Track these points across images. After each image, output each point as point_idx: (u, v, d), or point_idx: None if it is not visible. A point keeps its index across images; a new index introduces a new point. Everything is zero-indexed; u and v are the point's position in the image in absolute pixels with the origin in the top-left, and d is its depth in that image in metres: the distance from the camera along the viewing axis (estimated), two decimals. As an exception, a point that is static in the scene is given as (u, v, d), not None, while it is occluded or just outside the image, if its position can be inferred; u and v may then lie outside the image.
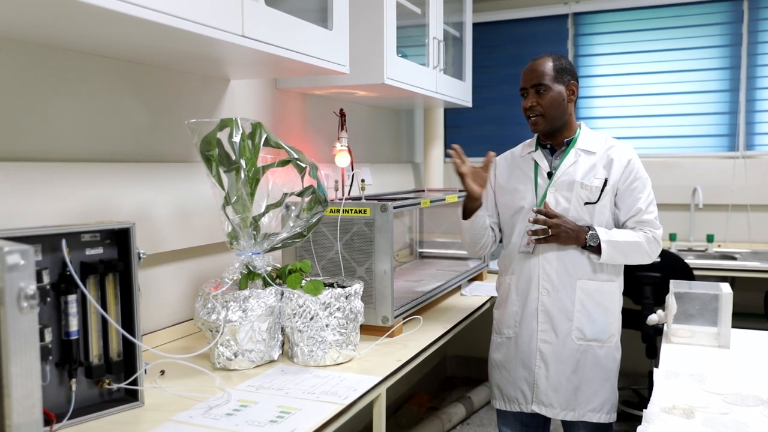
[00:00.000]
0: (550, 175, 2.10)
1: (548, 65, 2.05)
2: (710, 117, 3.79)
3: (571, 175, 2.07)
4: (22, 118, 1.55)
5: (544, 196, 2.09)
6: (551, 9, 4.01)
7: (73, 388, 1.32)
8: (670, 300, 1.92)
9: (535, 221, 2.02)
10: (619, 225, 2.09)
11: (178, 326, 2.00)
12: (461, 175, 2.07)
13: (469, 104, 3.57)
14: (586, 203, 2.05)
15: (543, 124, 2.06)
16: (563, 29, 4.01)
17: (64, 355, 1.31)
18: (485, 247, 2.22)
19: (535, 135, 2.19)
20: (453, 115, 4.23)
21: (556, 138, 2.12)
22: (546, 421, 2.27)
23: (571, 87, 2.07)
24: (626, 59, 3.92)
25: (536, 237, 2.03)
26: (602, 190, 2.04)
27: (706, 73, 3.77)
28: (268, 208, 1.79)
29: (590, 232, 2.01)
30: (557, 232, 2.01)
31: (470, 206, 2.12)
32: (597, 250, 2.02)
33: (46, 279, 1.22)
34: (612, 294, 2.11)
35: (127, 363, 1.42)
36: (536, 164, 2.14)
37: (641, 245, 2.03)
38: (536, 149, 2.16)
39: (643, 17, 3.87)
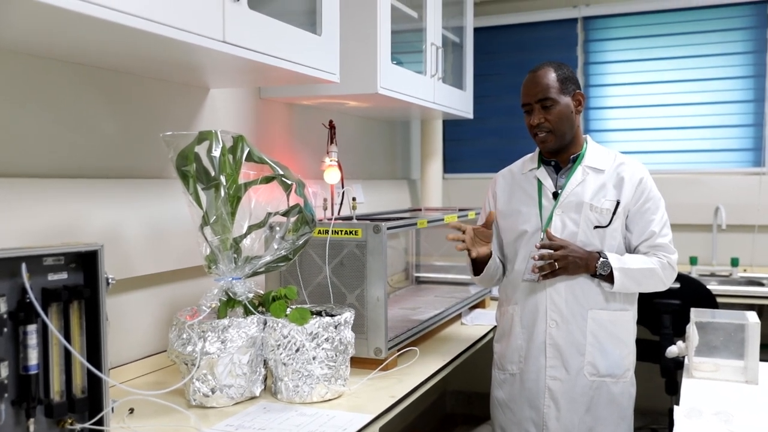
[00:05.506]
0: (555, 195, 2.11)
1: (551, 76, 2.05)
2: (733, 129, 3.82)
3: (579, 195, 2.08)
4: (-20, 129, 1.55)
5: (550, 218, 2.09)
6: (559, 13, 4.05)
7: (31, 428, 1.30)
8: (692, 330, 1.92)
9: (540, 257, 2.02)
10: (630, 249, 2.10)
11: (149, 359, 1.99)
12: (467, 250, 2.07)
13: (470, 115, 3.59)
14: (596, 227, 2.06)
15: (553, 141, 2.07)
16: (572, 35, 4.05)
17: (21, 392, 1.30)
18: (498, 280, 2.26)
19: (537, 149, 2.20)
20: (452, 127, 4.25)
21: (562, 154, 2.13)
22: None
23: (577, 97, 2.09)
24: (641, 67, 3.96)
25: (542, 273, 2.03)
26: (614, 213, 2.05)
27: (728, 82, 3.81)
28: (251, 228, 1.79)
29: (601, 259, 2.02)
30: (565, 264, 2.01)
31: (479, 260, 2.14)
32: (609, 278, 2.02)
33: (3, 307, 1.21)
34: (626, 324, 2.11)
35: (92, 400, 1.40)
36: (540, 183, 2.15)
37: (656, 272, 2.04)
38: (539, 166, 2.17)
39: (659, 22, 3.91)
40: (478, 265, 2.16)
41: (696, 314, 1.96)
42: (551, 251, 2.01)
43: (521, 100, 2.10)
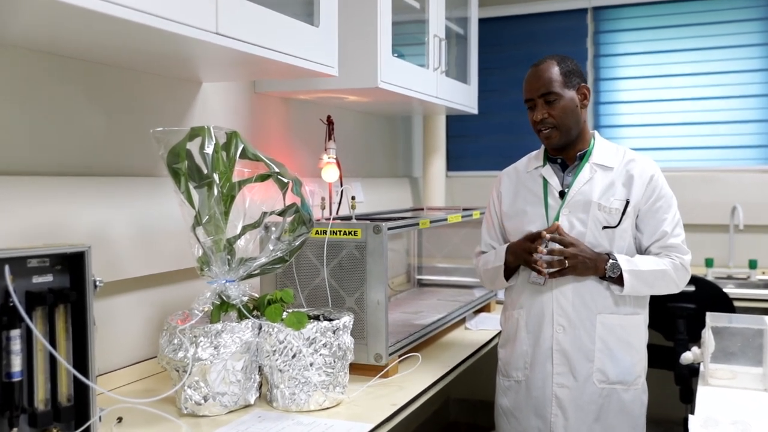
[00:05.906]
0: (562, 194, 2.11)
1: (554, 70, 2.06)
2: (751, 125, 3.81)
3: (587, 194, 2.07)
4: (-38, 125, 1.55)
5: (557, 219, 2.09)
6: (568, 2, 4.05)
7: (15, 438, 1.31)
8: (707, 335, 1.92)
9: (550, 252, 2.02)
10: (641, 250, 2.10)
11: (139, 365, 1.99)
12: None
13: (475, 111, 3.59)
14: (605, 227, 2.05)
15: (557, 137, 2.07)
16: (582, 25, 4.05)
17: (4, 400, 1.30)
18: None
19: (542, 146, 2.20)
20: (456, 123, 4.25)
21: (568, 151, 2.13)
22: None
23: (583, 91, 2.09)
24: (653, 59, 3.96)
25: (551, 270, 2.03)
26: (623, 213, 2.05)
27: (745, 75, 3.80)
28: (245, 229, 1.79)
29: (610, 261, 2.01)
30: (574, 263, 2.01)
31: (515, 265, 2.16)
32: (619, 281, 2.02)
33: (-15, 311, 1.21)
34: (637, 329, 2.11)
35: (78, 409, 1.41)
36: (545, 182, 2.15)
37: (668, 274, 2.04)
38: (544, 164, 2.17)
39: (673, 12, 3.90)
40: (510, 272, 2.17)
41: (712, 319, 1.96)
42: (561, 247, 2.01)
43: (524, 95, 2.10)
